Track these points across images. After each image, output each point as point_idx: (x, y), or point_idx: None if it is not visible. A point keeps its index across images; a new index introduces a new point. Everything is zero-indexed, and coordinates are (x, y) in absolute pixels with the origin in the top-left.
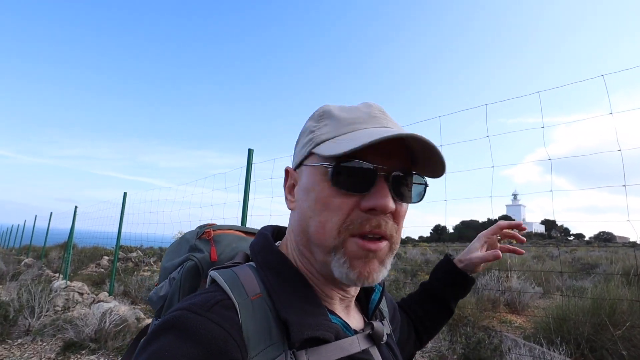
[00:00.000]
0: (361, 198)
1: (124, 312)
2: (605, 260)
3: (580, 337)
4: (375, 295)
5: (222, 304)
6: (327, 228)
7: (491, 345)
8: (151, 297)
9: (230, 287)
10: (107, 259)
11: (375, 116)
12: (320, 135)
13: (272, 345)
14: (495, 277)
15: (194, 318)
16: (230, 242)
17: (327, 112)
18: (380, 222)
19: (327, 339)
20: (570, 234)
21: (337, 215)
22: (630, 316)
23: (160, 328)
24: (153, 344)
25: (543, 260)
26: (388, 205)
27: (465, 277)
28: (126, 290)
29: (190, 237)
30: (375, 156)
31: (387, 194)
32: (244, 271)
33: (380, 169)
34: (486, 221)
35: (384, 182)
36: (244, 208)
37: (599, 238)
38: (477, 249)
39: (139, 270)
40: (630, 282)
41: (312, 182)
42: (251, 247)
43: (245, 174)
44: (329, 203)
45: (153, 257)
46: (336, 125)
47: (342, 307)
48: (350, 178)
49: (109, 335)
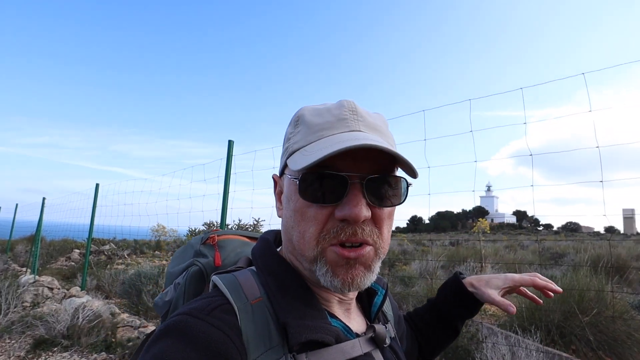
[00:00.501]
0: (335, 207)
1: (97, 307)
2: (572, 249)
3: (551, 324)
4: (377, 298)
5: (222, 308)
6: (306, 238)
7: (468, 334)
8: (157, 302)
9: (230, 292)
10: (78, 252)
11: (344, 118)
12: (293, 144)
13: (272, 348)
14: (470, 267)
15: (193, 322)
16: (234, 247)
17: (301, 117)
18: (356, 230)
19: (327, 342)
20: (540, 225)
21: (314, 225)
22: (597, 303)
23: (161, 332)
24: (154, 347)
25: (515, 250)
26: (359, 214)
27: (475, 301)
28: (99, 285)
29: (195, 242)
30: (345, 162)
31: (358, 202)
32: (244, 275)
33: (351, 175)
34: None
35: (357, 189)
36: (224, 200)
37: (566, 228)
38: (497, 288)
39: (113, 263)
40: (597, 271)
41: (290, 192)
42: (252, 252)
43: (226, 166)
44: (305, 214)
45: (127, 250)
46: (306, 133)
47: (342, 310)
48: (320, 189)
49: (82, 331)
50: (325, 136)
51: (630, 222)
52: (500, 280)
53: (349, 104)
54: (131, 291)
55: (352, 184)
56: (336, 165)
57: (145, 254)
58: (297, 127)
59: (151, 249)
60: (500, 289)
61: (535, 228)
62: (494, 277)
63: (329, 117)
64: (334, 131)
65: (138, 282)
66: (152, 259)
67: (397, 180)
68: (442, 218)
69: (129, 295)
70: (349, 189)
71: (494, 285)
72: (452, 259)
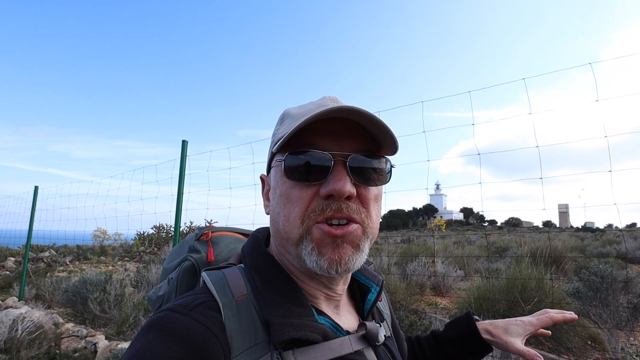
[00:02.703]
0: (320, 186)
1: (38, 318)
2: (514, 243)
3: (497, 313)
4: (371, 295)
5: (206, 305)
6: (291, 219)
7: (422, 327)
8: (150, 296)
9: (216, 288)
10: (13, 260)
11: (324, 105)
12: (278, 134)
13: (257, 345)
14: (422, 263)
15: (176, 317)
16: (228, 243)
17: (286, 114)
18: (341, 205)
19: (313, 340)
20: (485, 221)
21: (299, 205)
22: (538, 292)
23: (144, 328)
24: (137, 343)
25: (463, 246)
26: (344, 189)
27: (485, 347)
28: (39, 294)
29: (190, 239)
30: (328, 143)
31: (342, 177)
32: (233, 272)
33: (335, 154)
34: (412, 210)
35: (341, 167)
36: (178, 201)
37: (509, 223)
38: (519, 336)
39: (53, 271)
40: (537, 263)
41: (276, 180)
42: (242, 249)
43: (180, 166)
44: (290, 196)
45: (69, 256)
46: (291, 122)
47: (331, 307)
48: (305, 168)
49: (21, 344)
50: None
51: (565, 216)
52: (520, 328)
53: (330, 96)
54: (76, 299)
55: (336, 162)
56: (320, 145)
57: (90, 260)
58: (283, 123)
59: (96, 255)
60: (522, 338)
61: (481, 224)
62: (511, 324)
63: (311, 106)
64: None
65: (83, 289)
66: (97, 265)
67: (381, 160)
68: (394, 216)
69: (73, 303)
70: (333, 167)
71: (515, 332)
72: (405, 255)
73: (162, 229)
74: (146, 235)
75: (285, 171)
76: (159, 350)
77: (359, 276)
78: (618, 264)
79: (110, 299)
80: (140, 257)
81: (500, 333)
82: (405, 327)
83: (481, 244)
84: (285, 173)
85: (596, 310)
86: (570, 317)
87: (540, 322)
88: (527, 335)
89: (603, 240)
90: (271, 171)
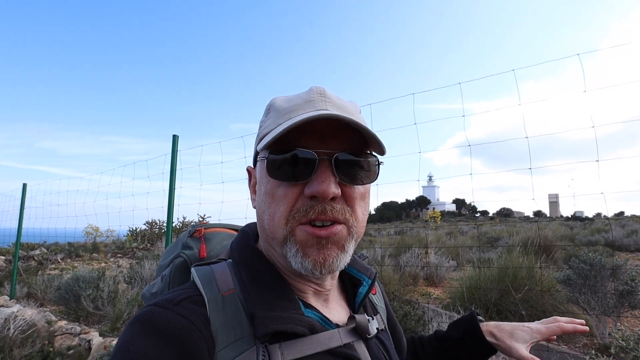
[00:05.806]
0: (304, 185)
1: (30, 316)
2: (506, 233)
3: (489, 302)
4: (362, 288)
5: (191, 299)
6: (276, 219)
7: (415, 317)
8: (144, 294)
9: (203, 283)
10: (3, 259)
11: (311, 100)
12: (264, 129)
13: (243, 338)
14: (415, 254)
15: (160, 312)
16: (221, 239)
17: (272, 106)
18: (326, 207)
19: (298, 333)
20: (477, 211)
21: (283, 205)
22: (528, 281)
23: (130, 323)
24: (121, 337)
25: (455, 236)
26: (327, 190)
27: (489, 349)
28: (31, 292)
29: (184, 236)
30: (314, 141)
31: (326, 178)
32: (221, 267)
33: (320, 152)
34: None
35: (326, 166)
36: (170, 197)
37: (500, 214)
38: (524, 342)
39: (44, 268)
40: (528, 252)
41: (261, 176)
42: (231, 244)
43: (171, 161)
44: (274, 194)
45: (60, 254)
46: (276, 117)
47: (320, 301)
48: (290, 167)
49: (14, 343)
50: (293, 117)
51: (555, 205)
52: (526, 334)
53: (317, 89)
54: (68, 297)
55: (321, 161)
56: (305, 144)
57: (82, 257)
58: (268, 115)
59: (88, 252)
60: (528, 344)
61: (473, 215)
62: (518, 329)
63: (298, 101)
64: (300, 112)
65: (76, 286)
66: (89, 262)
67: (368, 159)
68: (387, 208)
69: (66, 301)
70: (318, 166)
71: (520, 338)
72: (399, 246)
73: (154, 224)
74: (139, 231)
75: (269, 170)
76: (142, 344)
77: (350, 269)
78: (606, 251)
79: (103, 295)
80: (133, 253)
81: (505, 337)
82: (399, 317)
83: (473, 235)
84: (270, 172)
85: (585, 297)
86: (581, 328)
87: (549, 330)
88: (533, 342)
89: (592, 229)
90: (257, 165)
